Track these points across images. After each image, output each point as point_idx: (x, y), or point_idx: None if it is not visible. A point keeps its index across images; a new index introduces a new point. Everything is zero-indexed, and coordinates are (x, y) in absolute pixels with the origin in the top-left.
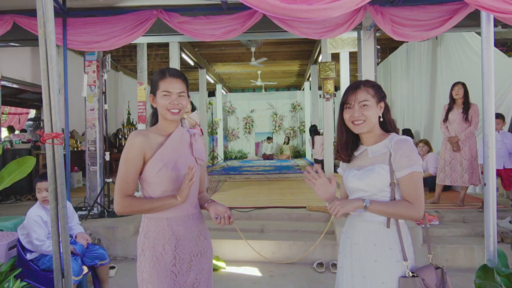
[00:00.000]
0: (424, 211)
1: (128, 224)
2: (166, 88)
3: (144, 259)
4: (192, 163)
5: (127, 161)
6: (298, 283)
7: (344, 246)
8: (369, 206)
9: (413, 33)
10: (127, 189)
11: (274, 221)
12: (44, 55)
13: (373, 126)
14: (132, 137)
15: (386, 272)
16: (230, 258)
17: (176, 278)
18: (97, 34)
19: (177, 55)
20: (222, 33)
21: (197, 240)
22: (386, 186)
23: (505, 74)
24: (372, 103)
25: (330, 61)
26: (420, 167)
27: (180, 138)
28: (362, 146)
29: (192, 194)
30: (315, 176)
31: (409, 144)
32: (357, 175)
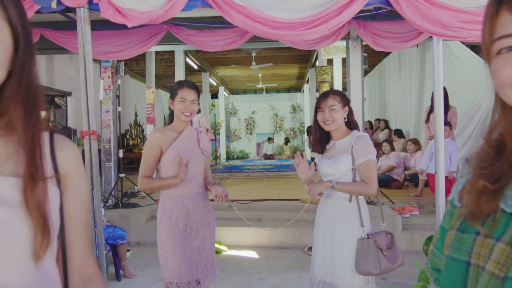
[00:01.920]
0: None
1: (140, 213)
2: (182, 95)
3: (162, 226)
4: (183, 159)
5: (147, 152)
6: (291, 263)
7: (318, 217)
8: (336, 186)
9: (392, 44)
10: (147, 172)
11: (270, 212)
12: (83, 69)
13: (340, 125)
14: (152, 133)
15: (348, 235)
16: (231, 243)
17: (187, 241)
18: (114, 45)
19: (182, 60)
20: (224, 44)
21: (203, 213)
22: (349, 170)
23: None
24: (339, 108)
25: (326, 65)
26: (374, 156)
27: (190, 135)
28: (332, 141)
29: (198, 177)
30: (300, 160)
31: (366, 138)
32: (328, 163)
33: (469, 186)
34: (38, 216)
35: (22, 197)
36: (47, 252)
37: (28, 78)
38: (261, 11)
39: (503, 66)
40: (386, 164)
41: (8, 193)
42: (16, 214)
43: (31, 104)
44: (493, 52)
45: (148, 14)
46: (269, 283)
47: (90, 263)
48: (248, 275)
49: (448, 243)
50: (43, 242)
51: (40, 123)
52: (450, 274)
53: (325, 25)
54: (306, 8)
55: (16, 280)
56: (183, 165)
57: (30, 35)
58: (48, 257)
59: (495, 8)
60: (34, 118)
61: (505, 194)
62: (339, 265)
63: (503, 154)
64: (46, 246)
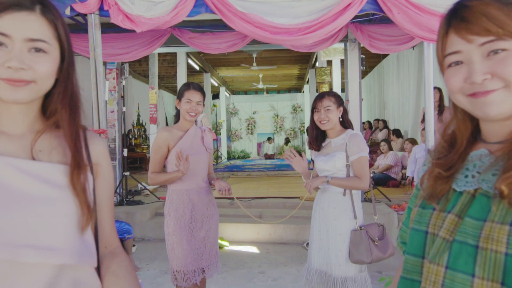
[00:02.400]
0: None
1: (145, 210)
2: (189, 97)
3: (170, 218)
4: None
5: (155, 149)
6: (290, 257)
7: (315, 210)
8: (331, 181)
9: (388, 47)
10: (155, 168)
11: (271, 209)
12: (94, 71)
13: (335, 124)
14: (160, 132)
15: (342, 227)
16: (232, 239)
17: (192, 232)
18: (120, 47)
19: (184, 61)
20: (226, 46)
21: (207, 206)
22: (343, 166)
23: None
24: (334, 108)
25: (326, 66)
26: (366, 153)
27: (195, 133)
28: (327, 139)
29: (203, 173)
30: (292, 155)
31: (359, 137)
32: (323, 159)
33: (428, 173)
34: (83, 196)
35: (69, 181)
36: (89, 226)
37: (71, 85)
38: (261, 17)
39: (452, 77)
40: (384, 163)
41: (58, 177)
42: (65, 194)
43: (73, 106)
44: (445, 66)
45: (155, 20)
46: (269, 276)
47: (114, 237)
48: (249, 269)
49: (412, 218)
50: (87, 217)
51: (80, 122)
52: (413, 242)
53: (322, 30)
54: (303, 15)
55: (64, 246)
56: (182, 158)
57: (72, 49)
58: (88, 230)
59: (445, 29)
60: (76, 118)
61: (456, 177)
62: (334, 254)
63: (455, 147)
64: (88, 220)
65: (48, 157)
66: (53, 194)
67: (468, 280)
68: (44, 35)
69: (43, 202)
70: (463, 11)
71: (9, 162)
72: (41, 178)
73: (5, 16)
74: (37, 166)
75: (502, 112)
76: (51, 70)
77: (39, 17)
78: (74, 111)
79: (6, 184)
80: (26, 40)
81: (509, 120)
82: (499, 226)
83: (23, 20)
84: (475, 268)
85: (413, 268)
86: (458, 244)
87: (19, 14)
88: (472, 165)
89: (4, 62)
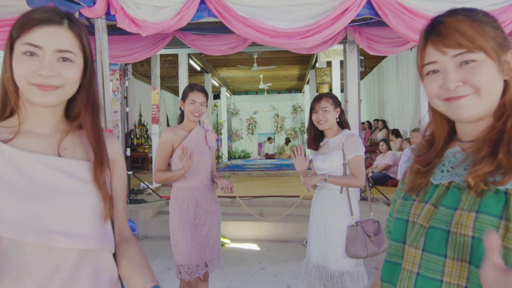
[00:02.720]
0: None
1: (147, 209)
2: (192, 98)
3: (174, 214)
4: (187, 148)
5: (161, 148)
6: (290, 254)
7: (313, 207)
8: (328, 179)
9: (386, 49)
10: (160, 166)
11: (271, 207)
12: (101, 74)
13: (332, 124)
14: (164, 132)
15: (339, 223)
16: (233, 236)
17: (196, 228)
18: (123, 49)
19: (185, 62)
20: (227, 48)
21: (210, 203)
22: (340, 165)
23: None
24: (331, 109)
25: (325, 67)
26: (362, 152)
27: (198, 133)
28: (325, 139)
29: (206, 171)
30: (298, 153)
31: (355, 137)
32: (321, 158)
33: (409, 169)
34: (105, 190)
35: (93, 177)
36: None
37: (93, 91)
38: (262, 22)
39: (429, 84)
40: (382, 163)
41: (81, 172)
42: (89, 187)
43: (95, 110)
44: (424, 74)
45: (160, 24)
46: (269, 272)
47: (126, 227)
48: (250, 265)
49: (396, 208)
50: (109, 209)
51: (100, 124)
52: (396, 229)
53: (320, 34)
54: (302, 19)
55: (88, 233)
56: (186, 155)
57: (93, 58)
58: (108, 220)
59: (424, 42)
60: (98, 120)
61: (434, 172)
62: (331, 249)
63: (433, 146)
64: (110, 211)
65: (72, 154)
66: (78, 187)
67: (441, 260)
68: (70, 46)
69: (69, 194)
70: (438, 26)
71: (39, 159)
72: (66, 173)
73: (37, 30)
74: (63, 162)
75: (472, 115)
76: (76, 76)
77: (66, 31)
78: (96, 114)
79: (37, 178)
80: (55, 51)
81: (479, 121)
82: (467, 213)
83: (53, 34)
84: (447, 250)
85: (396, 252)
86: (432, 229)
87: (50, 28)
88: (447, 161)
89: (36, 70)
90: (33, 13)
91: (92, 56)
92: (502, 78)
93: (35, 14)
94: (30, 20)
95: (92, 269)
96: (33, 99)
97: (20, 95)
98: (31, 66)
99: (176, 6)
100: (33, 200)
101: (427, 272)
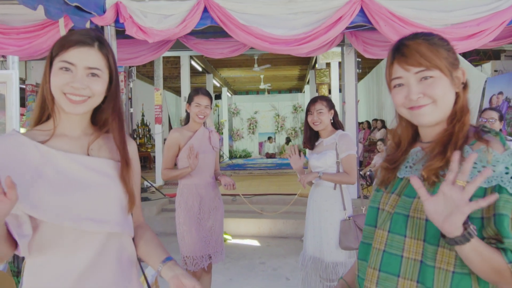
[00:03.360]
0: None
1: (152, 206)
2: (198, 101)
3: (180, 210)
4: (194, 148)
5: (168, 148)
6: (289, 250)
7: (309, 203)
8: (322, 176)
9: (381, 52)
10: (168, 165)
11: (271, 205)
12: None
13: (326, 125)
14: (171, 133)
15: (332, 217)
16: (234, 233)
17: (200, 222)
18: (128, 52)
19: (187, 63)
20: (229, 51)
21: (213, 199)
22: (334, 163)
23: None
24: (325, 111)
25: (325, 68)
26: (354, 151)
27: (203, 134)
28: (320, 139)
29: (210, 169)
30: (293, 152)
31: (348, 137)
32: (316, 157)
33: (380, 166)
34: (129, 186)
35: (120, 174)
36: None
37: (118, 101)
38: (261, 29)
39: (396, 95)
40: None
41: (107, 169)
42: (114, 182)
43: (121, 118)
44: (391, 87)
45: (166, 32)
46: (269, 266)
47: (141, 216)
48: (251, 260)
49: (370, 199)
50: (131, 202)
51: (125, 129)
52: (369, 216)
53: (315, 41)
54: (299, 26)
55: (113, 220)
56: (193, 155)
57: (118, 74)
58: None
59: (391, 61)
60: (123, 126)
61: (400, 168)
62: (326, 242)
63: (400, 147)
64: (132, 205)
65: (98, 153)
66: (105, 182)
67: (402, 239)
68: (99, 64)
69: (97, 188)
70: (402, 48)
71: (72, 157)
72: (95, 170)
73: (73, 50)
74: (91, 160)
75: (431, 120)
76: (102, 89)
77: (96, 51)
78: (121, 121)
79: (70, 173)
80: (85, 68)
81: (436, 126)
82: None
83: (85, 54)
84: (406, 231)
85: (369, 235)
86: (396, 215)
87: (83, 48)
88: (411, 158)
89: (69, 83)
90: (71, 35)
91: (117, 72)
92: (454, 91)
93: (72, 36)
94: (68, 41)
95: (116, 249)
96: (66, 108)
97: (55, 103)
98: (65, 79)
99: (181, 14)
100: (67, 192)
101: (391, 249)
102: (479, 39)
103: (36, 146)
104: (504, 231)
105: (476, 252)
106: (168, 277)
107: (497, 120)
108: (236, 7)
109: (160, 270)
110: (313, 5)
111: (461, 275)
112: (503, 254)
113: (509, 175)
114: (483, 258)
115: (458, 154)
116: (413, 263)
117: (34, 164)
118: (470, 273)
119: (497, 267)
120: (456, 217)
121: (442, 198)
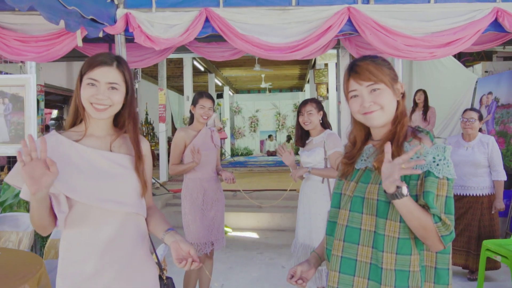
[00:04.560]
0: None
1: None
2: (202, 103)
3: (186, 201)
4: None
5: (174, 146)
6: (286, 241)
7: (300, 195)
8: (311, 171)
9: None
10: (175, 161)
11: (270, 200)
12: None
13: (316, 125)
14: (178, 132)
15: (320, 208)
16: (234, 226)
17: (204, 212)
18: (134, 55)
19: (190, 63)
20: (229, 54)
21: (215, 192)
22: (322, 159)
23: (461, 82)
24: (315, 112)
25: (323, 68)
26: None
27: (206, 133)
28: (310, 137)
29: (212, 165)
30: (284, 150)
31: (334, 136)
32: (307, 154)
33: (340, 161)
34: (142, 177)
35: (135, 167)
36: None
37: (133, 108)
38: (258, 38)
39: (353, 104)
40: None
41: (126, 163)
42: (131, 173)
43: (136, 121)
44: (349, 97)
45: (171, 40)
46: (266, 256)
47: (151, 200)
48: (250, 250)
49: (334, 187)
50: (144, 189)
51: (139, 130)
52: (334, 200)
53: (307, 48)
54: (293, 35)
55: (130, 202)
56: (195, 152)
57: (133, 85)
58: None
59: (347, 77)
60: (137, 127)
61: (356, 161)
62: (315, 230)
63: (356, 145)
64: (145, 192)
65: (118, 150)
66: (124, 172)
67: (359, 216)
68: (117, 79)
69: (118, 177)
70: (356, 67)
71: (99, 153)
72: (116, 163)
73: (97, 69)
74: (113, 155)
75: (379, 123)
76: (120, 99)
77: (115, 70)
78: (136, 124)
79: (97, 165)
80: (107, 83)
81: (383, 127)
82: (374, 185)
83: (106, 72)
84: (363, 209)
85: (334, 215)
86: (355, 197)
87: (105, 68)
88: (365, 153)
89: (95, 95)
90: (96, 57)
91: (133, 85)
92: (396, 99)
93: (97, 58)
94: (93, 62)
95: (132, 225)
96: (92, 114)
97: (85, 110)
98: (91, 92)
99: (185, 24)
100: (95, 179)
101: (352, 224)
102: (456, 47)
103: (71, 143)
104: (430, 203)
105: (406, 208)
106: (169, 242)
107: (477, 120)
108: (235, 18)
109: (164, 237)
110: (305, 16)
111: (404, 240)
112: (433, 218)
113: (435, 163)
114: (413, 215)
115: (389, 145)
116: (368, 233)
117: (71, 158)
118: (410, 238)
119: (424, 224)
120: (391, 178)
121: (386, 165)
